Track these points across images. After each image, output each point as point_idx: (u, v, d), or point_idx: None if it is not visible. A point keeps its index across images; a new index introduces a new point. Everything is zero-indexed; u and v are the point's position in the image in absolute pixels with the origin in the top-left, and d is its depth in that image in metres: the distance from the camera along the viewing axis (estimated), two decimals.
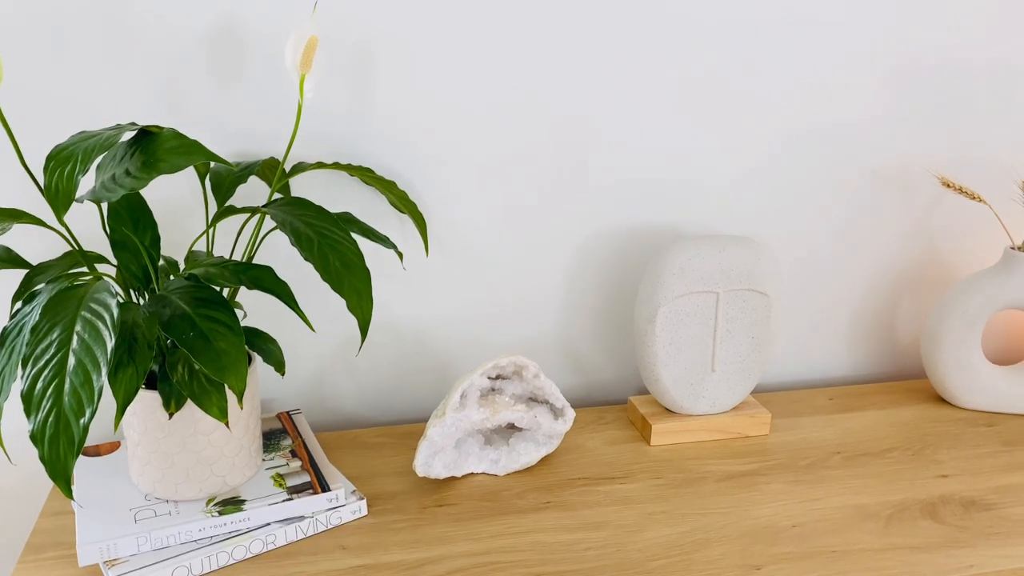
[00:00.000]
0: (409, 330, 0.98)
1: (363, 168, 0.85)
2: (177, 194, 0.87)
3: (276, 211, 0.69)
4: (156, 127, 0.64)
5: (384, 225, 0.93)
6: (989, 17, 0.99)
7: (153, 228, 0.74)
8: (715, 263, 0.89)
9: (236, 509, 0.75)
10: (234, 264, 0.70)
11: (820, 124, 1.00)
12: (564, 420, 0.88)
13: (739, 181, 1.00)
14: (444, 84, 0.89)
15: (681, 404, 0.94)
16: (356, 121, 0.88)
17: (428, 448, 0.82)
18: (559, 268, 0.99)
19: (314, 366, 0.97)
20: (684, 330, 0.91)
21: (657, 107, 0.95)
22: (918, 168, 1.04)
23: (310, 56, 0.74)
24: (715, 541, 0.77)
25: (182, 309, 0.66)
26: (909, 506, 0.82)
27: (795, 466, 0.89)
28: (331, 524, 0.78)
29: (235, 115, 0.86)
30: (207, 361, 0.64)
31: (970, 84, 1.02)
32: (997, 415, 1.01)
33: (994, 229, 1.06)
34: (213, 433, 0.75)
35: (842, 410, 1.02)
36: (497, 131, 0.92)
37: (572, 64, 0.91)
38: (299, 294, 0.91)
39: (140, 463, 0.76)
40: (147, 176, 0.62)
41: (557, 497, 0.83)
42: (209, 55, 0.83)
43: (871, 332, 1.12)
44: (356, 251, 0.68)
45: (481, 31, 0.88)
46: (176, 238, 0.87)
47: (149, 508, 0.75)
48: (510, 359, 0.84)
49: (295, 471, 0.82)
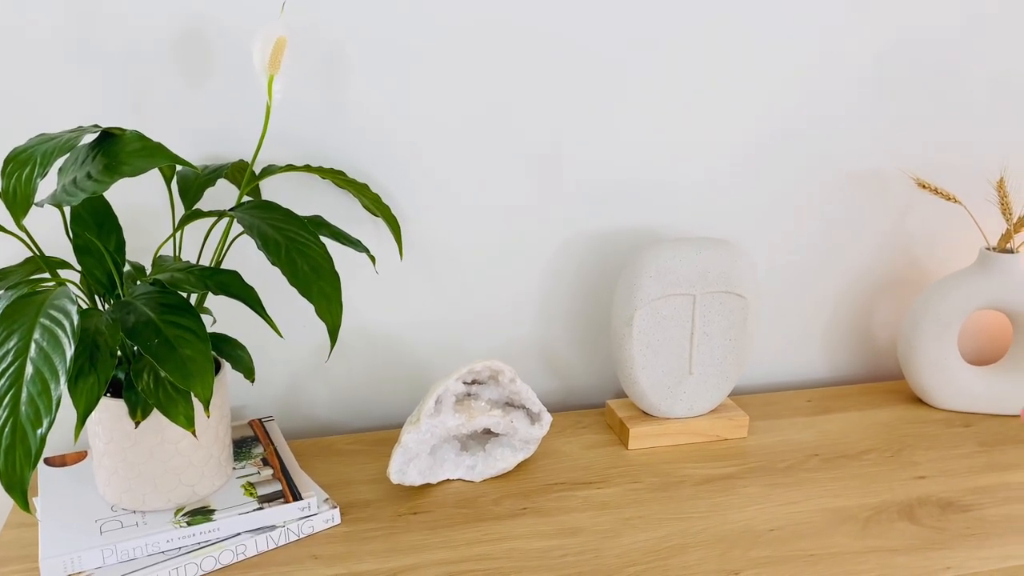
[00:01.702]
0: (384, 335, 0.97)
1: (335, 171, 0.84)
2: (145, 197, 0.85)
3: (243, 215, 0.67)
4: (119, 129, 0.63)
5: (358, 228, 0.91)
6: (964, 19, 0.99)
7: (118, 232, 0.73)
8: (692, 265, 0.89)
9: (205, 519, 0.74)
10: (200, 269, 0.69)
11: (796, 126, 0.99)
12: (541, 425, 0.87)
13: (715, 183, 1.00)
14: (417, 86, 0.88)
15: (659, 407, 0.93)
16: (329, 123, 0.87)
17: (403, 455, 0.81)
18: (536, 271, 0.98)
19: (287, 372, 0.95)
20: (661, 333, 0.90)
21: (634, 109, 0.94)
22: (894, 169, 1.04)
23: (278, 57, 0.72)
24: (692, 546, 0.76)
25: (147, 315, 0.65)
26: (886, 508, 0.82)
27: (773, 469, 0.89)
28: (303, 533, 0.76)
29: (204, 117, 0.84)
30: (172, 369, 0.62)
31: (945, 86, 1.02)
32: (974, 415, 1.01)
33: (970, 230, 1.06)
34: (181, 442, 0.73)
35: (820, 412, 1.02)
36: (471, 133, 0.91)
37: (547, 65, 0.90)
38: (271, 299, 0.89)
39: (106, 473, 0.74)
40: (109, 179, 0.60)
41: (534, 503, 0.82)
42: (177, 55, 0.82)
43: (848, 333, 1.12)
44: (325, 255, 0.67)
45: (455, 32, 0.87)
46: (144, 242, 0.86)
47: (116, 519, 0.73)
48: (485, 364, 0.83)
49: (266, 479, 0.80)
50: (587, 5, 0.89)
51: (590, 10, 0.89)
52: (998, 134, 1.06)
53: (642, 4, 0.90)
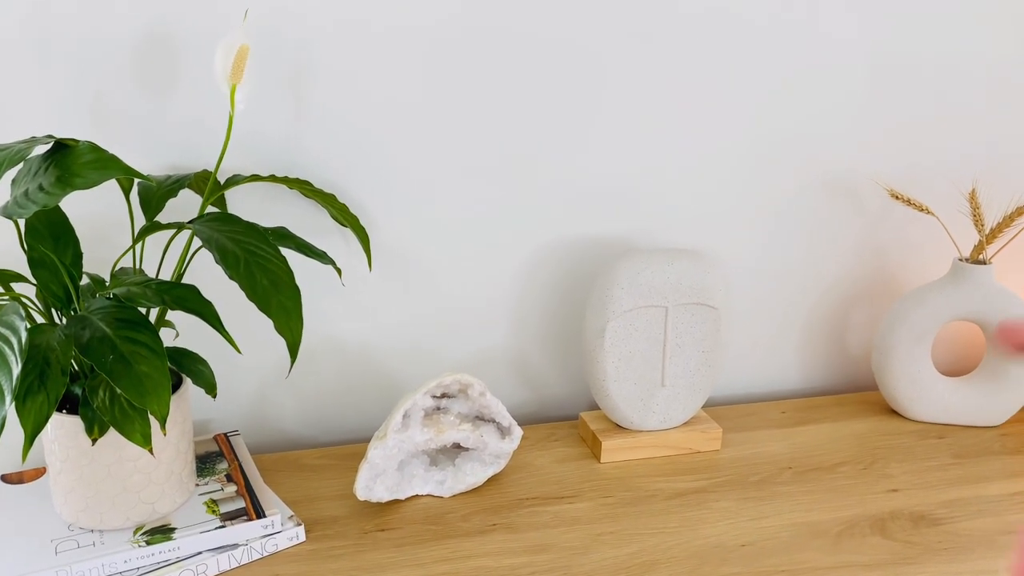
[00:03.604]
0: (354, 347, 0.95)
1: (301, 181, 0.82)
2: (108, 207, 0.83)
3: (202, 227, 0.66)
4: (72, 140, 0.61)
5: (327, 240, 0.90)
6: (935, 28, 0.99)
7: (75, 245, 0.71)
8: (664, 277, 0.88)
9: (165, 538, 0.72)
10: (157, 283, 0.67)
11: (769, 137, 0.99)
12: (511, 439, 0.86)
13: (688, 191, 0.99)
14: (385, 93, 0.87)
15: (632, 420, 0.92)
16: (295, 132, 0.86)
17: (369, 471, 0.79)
18: (507, 281, 0.97)
19: (254, 385, 0.94)
20: (634, 345, 0.89)
21: (605, 118, 0.93)
22: (867, 180, 1.04)
23: (241, 66, 0.71)
24: (662, 563, 0.75)
25: (102, 331, 0.63)
26: (859, 522, 0.81)
27: (745, 482, 0.88)
28: (267, 552, 0.75)
29: (168, 125, 0.82)
30: (127, 386, 0.61)
31: (917, 96, 1.02)
32: (948, 427, 1.01)
33: (943, 241, 1.06)
34: (140, 459, 0.72)
35: (794, 423, 1.01)
36: (442, 141, 0.90)
37: (518, 73, 0.89)
38: (237, 311, 0.87)
39: (63, 491, 0.73)
40: (61, 192, 0.59)
41: (504, 519, 0.81)
42: (138, 64, 0.80)
43: (823, 344, 1.11)
44: (286, 268, 0.65)
45: (424, 39, 0.86)
46: (107, 253, 0.83)
47: (72, 539, 0.72)
48: (455, 377, 0.82)
49: (230, 496, 0.78)
50: (563, 8, 0.88)
51: (566, 14, 0.88)
52: (970, 145, 1.06)
53: (619, 10, 0.90)
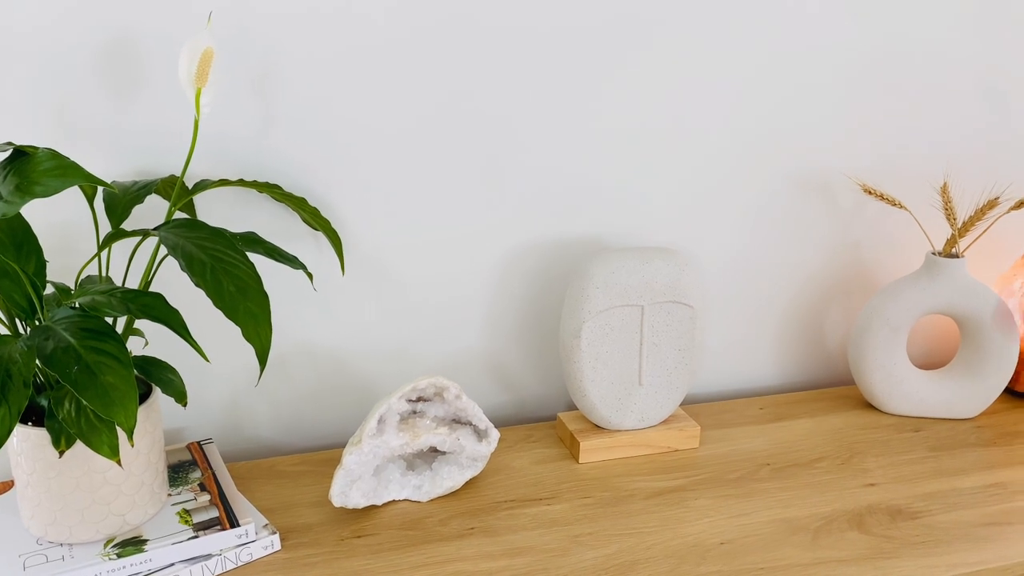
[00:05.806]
0: (328, 351, 0.94)
1: (271, 185, 0.81)
2: (73, 214, 0.81)
3: (167, 234, 0.65)
4: (31, 147, 0.60)
5: (298, 244, 0.89)
6: (906, 25, 1.00)
7: (38, 254, 0.69)
8: (639, 276, 0.88)
9: (137, 550, 0.71)
10: (123, 291, 0.66)
11: (742, 135, 0.99)
12: (488, 442, 0.85)
13: (662, 189, 0.99)
14: (354, 94, 0.86)
15: (609, 420, 0.92)
16: (264, 135, 0.85)
17: (344, 477, 0.79)
18: (481, 282, 0.97)
19: (227, 393, 0.92)
20: (610, 344, 0.89)
21: (578, 118, 0.93)
22: (840, 176, 1.04)
23: (206, 69, 0.70)
24: (642, 562, 0.74)
25: (67, 341, 0.62)
26: (837, 518, 0.81)
27: (724, 480, 0.88)
28: (241, 561, 0.74)
29: (134, 130, 0.81)
30: (93, 397, 0.59)
31: (889, 91, 1.02)
32: (924, 420, 1.01)
33: (916, 235, 1.06)
34: (109, 471, 0.70)
35: (772, 419, 1.01)
36: (413, 142, 0.89)
37: (488, 74, 0.89)
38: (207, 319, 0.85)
39: (31, 505, 0.71)
40: (20, 200, 0.57)
41: (482, 522, 0.81)
42: (103, 69, 0.79)
43: (799, 340, 1.11)
44: (253, 275, 0.64)
45: (393, 42, 0.85)
46: (74, 261, 0.82)
47: (40, 553, 0.70)
48: (430, 380, 0.81)
49: (203, 506, 0.77)
50: (535, 6, 0.88)
51: (538, 12, 0.88)
52: (942, 140, 1.06)
53: (590, 11, 0.89)
